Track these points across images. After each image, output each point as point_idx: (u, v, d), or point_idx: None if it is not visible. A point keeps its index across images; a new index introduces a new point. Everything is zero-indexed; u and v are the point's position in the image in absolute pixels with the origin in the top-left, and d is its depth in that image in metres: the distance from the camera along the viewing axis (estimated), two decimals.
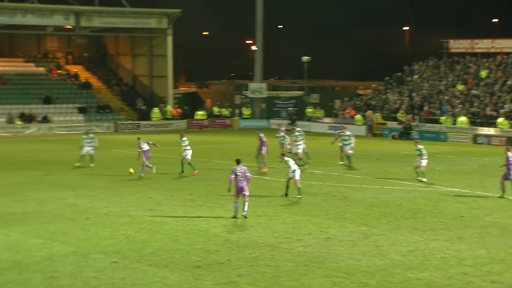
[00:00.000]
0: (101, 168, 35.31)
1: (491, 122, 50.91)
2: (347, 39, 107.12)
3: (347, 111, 61.76)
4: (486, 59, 60.51)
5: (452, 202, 26.43)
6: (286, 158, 27.41)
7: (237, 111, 67.75)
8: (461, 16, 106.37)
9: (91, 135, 36.81)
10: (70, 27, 62.80)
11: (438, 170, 34.91)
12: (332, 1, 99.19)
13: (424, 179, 30.51)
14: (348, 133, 36.97)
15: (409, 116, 55.64)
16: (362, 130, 57.32)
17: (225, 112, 66.32)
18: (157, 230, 21.57)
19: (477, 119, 52.45)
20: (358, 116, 58.88)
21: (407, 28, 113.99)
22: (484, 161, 38.44)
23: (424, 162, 30.76)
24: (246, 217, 23.03)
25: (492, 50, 60.67)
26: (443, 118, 53.62)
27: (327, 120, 62.00)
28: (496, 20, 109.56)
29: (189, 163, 32.84)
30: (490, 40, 61.23)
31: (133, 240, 20.41)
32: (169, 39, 65.62)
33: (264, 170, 33.96)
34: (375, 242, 20.18)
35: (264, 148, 34.76)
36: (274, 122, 64.52)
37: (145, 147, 32.79)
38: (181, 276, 16.93)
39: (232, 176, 22.99)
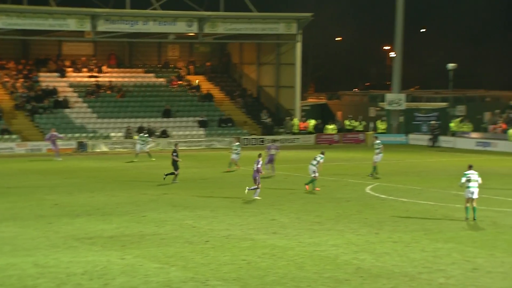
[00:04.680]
0: (221, 187, 35.96)
1: None
2: (501, 44, 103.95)
3: (499, 125, 59.90)
4: None
5: None
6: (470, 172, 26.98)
7: (371, 125, 67.20)
8: None
9: (237, 143, 42.46)
10: (193, 34, 64.55)
11: None
12: (483, 1, 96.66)
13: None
14: None
15: None
16: (507, 145, 55.48)
17: (358, 126, 65.95)
18: (281, 256, 21.68)
19: None
20: (511, 131, 57.00)
21: None
22: None
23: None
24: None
25: None
26: None
27: (474, 135, 60.37)
28: None
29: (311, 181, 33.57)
30: None
31: (255, 266, 20.60)
32: (298, 46, 66.05)
33: None
34: None
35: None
36: (413, 137, 63.64)
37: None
38: None
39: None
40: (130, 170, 44.01)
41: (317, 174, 33.94)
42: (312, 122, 65.60)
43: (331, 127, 64.94)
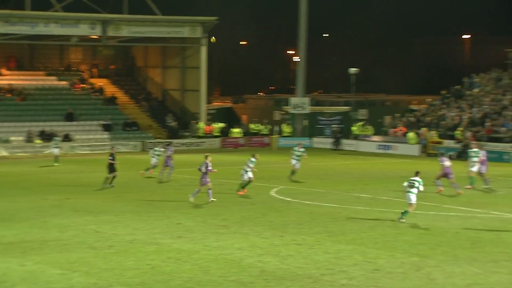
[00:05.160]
0: (126, 191, 35.60)
1: None
2: (400, 49, 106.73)
3: (399, 128, 61.40)
4: None
5: None
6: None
7: (276, 128, 67.82)
8: None
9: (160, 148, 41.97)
10: (96, 37, 63.69)
11: (500, 194, 34.41)
12: (384, 8, 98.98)
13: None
14: (476, 149, 37.25)
15: (468, 134, 55.08)
16: (415, 149, 56.98)
17: (263, 129, 66.45)
18: (186, 260, 21.62)
19: None
20: (411, 134, 58.50)
21: (468, 36, 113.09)
22: None
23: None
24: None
25: None
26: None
27: (376, 138, 61.69)
28: None
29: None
30: None
31: (159, 270, 20.48)
32: (203, 50, 66.06)
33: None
34: (429, 274, 19.96)
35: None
36: (317, 141, 64.56)
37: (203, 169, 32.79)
38: None
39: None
40: (31, 175, 43.04)
41: (251, 177, 33.99)
42: (217, 126, 65.70)
43: (236, 131, 65.19)
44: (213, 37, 34.14)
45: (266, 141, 64.87)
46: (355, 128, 63.74)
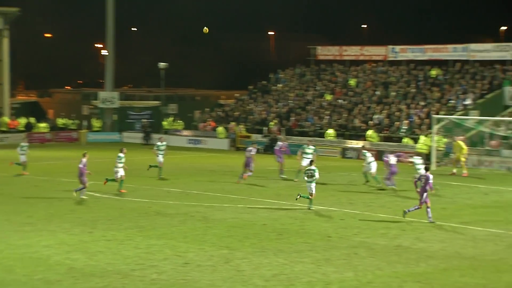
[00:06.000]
0: None
1: (360, 135, 52.75)
2: (209, 45, 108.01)
3: (208, 122, 62.15)
4: (355, 67, 62.79)
5: (319, 221, 27.12)
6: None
7: (85, 123, 66.55)
8: (330, 21, 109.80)
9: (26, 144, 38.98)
10: None
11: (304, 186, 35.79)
12: (193, 3, 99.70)
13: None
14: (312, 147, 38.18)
15: (275, 128, 56.72)
16: (224, 143, 57.91)
17: (70, 124, 64.98)
18: None
19: (345, 132, 54.21)
20: (220, 129, 59.39)
21: (273, 33, 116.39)
22: (352, 176, 39.73)
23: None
24: (433, 222, 26.20)
25: (361, 58, 63.04)
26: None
27: (186, 133, 62.11)
28: (365, 26, 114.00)
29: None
30: (358, 47, 63.59)
31: None
32: (5, 42, 63.71)
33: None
34: (237, 266, 20.36)
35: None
36: (127, 135, 64.02)
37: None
38: None
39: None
40: None
41: (122, 175, 33.04)
42: (22, 121, 63.48)
43: (42, 126, 63.29)
44: (206, 28, 33.84)
45: (74, 136, 63.49)
46: (165, 123, 63.82)
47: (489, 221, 26.72)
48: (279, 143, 40.65)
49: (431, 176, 26.30)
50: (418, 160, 34.57)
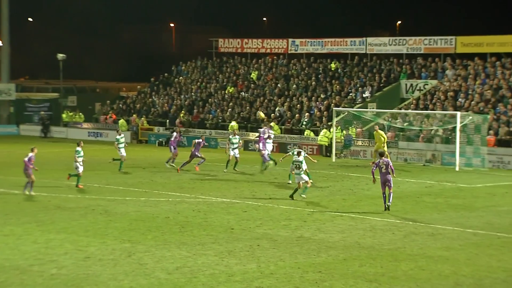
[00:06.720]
0: None
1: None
2: (109, 37, 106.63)
3: (109, 115, 61.36)
4: (256, 59, 63.15)
5: (222, 213, 27.20)
6: None
7: None
8: (231, 14, 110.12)
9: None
10: None
11: (207, 179, 35.80)
12: None
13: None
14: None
15: (177, 121, 56.48)
16: (126, 136, 57.22)
17: None
18: None
19: (248, 124, 54.48)
20: (121, 121, 58.72)
21: (173, 25, 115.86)
22: (255, 168, 40.00)
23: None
24: (389, 209, 26.99)
25: (262, 51, 63.47)
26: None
27: (86, 125, 61.15)
28: (265, 19, 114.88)
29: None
30: (260, 40, 63.97)
31: None
32: None
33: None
34: (140, 259, 20.21)
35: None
36: (25, 128, 62.60)
37: None
38: None
39: (374, 168, 27.44)
40: None
41: (80, 171, 32.28)
42: None
43: None
44: (261, 113, 38.43)
45: None
46: (65, 115, 62.69)
47: (387, 212, 27.39)
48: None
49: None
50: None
